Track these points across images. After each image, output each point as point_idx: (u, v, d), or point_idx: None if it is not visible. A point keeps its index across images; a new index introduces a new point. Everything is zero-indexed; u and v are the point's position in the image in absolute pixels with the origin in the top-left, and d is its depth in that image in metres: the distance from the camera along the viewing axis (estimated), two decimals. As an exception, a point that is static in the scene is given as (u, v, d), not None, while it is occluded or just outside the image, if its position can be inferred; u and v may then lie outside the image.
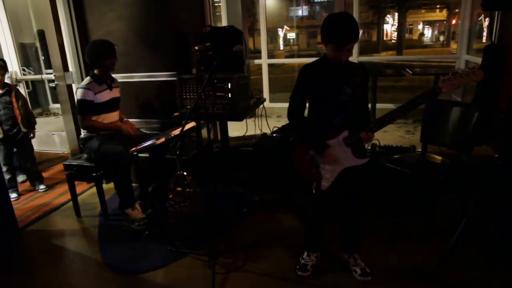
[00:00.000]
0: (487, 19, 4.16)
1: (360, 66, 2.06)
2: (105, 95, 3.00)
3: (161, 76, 3.50)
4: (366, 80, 2.06)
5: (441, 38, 26.04)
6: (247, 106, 3.24)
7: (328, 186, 2.08)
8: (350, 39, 1.84)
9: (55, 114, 6.53)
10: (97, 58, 2.93)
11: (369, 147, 3.40)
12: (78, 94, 2.91)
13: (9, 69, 5.01)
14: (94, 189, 3.34)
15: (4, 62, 3.62)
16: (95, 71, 2.99)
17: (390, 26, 24.74)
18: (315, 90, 2.03)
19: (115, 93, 3.12)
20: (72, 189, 3.15)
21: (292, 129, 3.15)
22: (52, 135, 5.00)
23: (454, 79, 1.78)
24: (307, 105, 2.13)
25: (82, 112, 2.92)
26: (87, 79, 2.97)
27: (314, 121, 2.09)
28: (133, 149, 2.70)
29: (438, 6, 24.56)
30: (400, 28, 22.03)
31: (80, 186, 3.67)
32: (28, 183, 3.93)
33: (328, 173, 2.07)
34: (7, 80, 3.59)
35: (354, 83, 1.97)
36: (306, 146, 2.10)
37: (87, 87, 2.89)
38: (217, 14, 5.90)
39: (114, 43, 2.96)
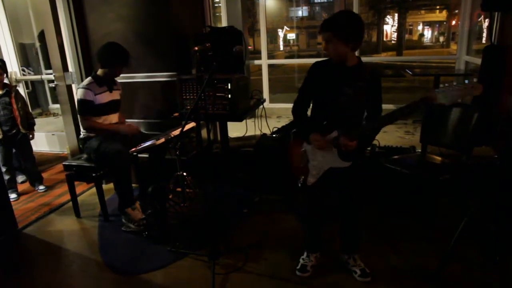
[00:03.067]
0: (487, 20, 4.16)
1: (368, 69, 1.97)
2: (105, 97, 2.99)
3: (161, 77, 3.49)
4: (374, 84, 1.97)
5: (441, 39, 26.07)
6: (247, 107, 3.24)
7: (313, 182, 2.11)
8: (322, 27, 1.91)
9: (54, 115, 6.53)
10: (110, 61, 2.92)
11: (369, 149, 3.39)
12: (78, 94, 2.91)
13: (9, 69, 5.00)
14: (93, 190, 3.33)
15: (4, 62, 3.61)
16: (98, 72, 2.99)
17: (390, 27, 24.79)
18: (318, 88, 2.03)
19: (115, 95, 3.11)
20: (72, 190, 3.15)
21: (293, 124, 3.16)
22: (52, 135, 5.00)
23: (450, 90, 1.66)
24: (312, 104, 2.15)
25: (82, 112, 2.93)
26: (87, 79, 2.97)
27: (315, 119, 2.10)
28: (133, 149, 2.70)
29: (438, 7, 24.63)
30: (400, 29, 22.09)
31: (79, 187, 3.67)
32: (27, 184, 3.92)
33: (315, 169, 2.11)
34: (6, 81, 3.58)
35: (356, 85, 1.94)
36: (302, 141, 2.14)
37: (87, 87, 2.89)
38: (217, 14, 5.89)
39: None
